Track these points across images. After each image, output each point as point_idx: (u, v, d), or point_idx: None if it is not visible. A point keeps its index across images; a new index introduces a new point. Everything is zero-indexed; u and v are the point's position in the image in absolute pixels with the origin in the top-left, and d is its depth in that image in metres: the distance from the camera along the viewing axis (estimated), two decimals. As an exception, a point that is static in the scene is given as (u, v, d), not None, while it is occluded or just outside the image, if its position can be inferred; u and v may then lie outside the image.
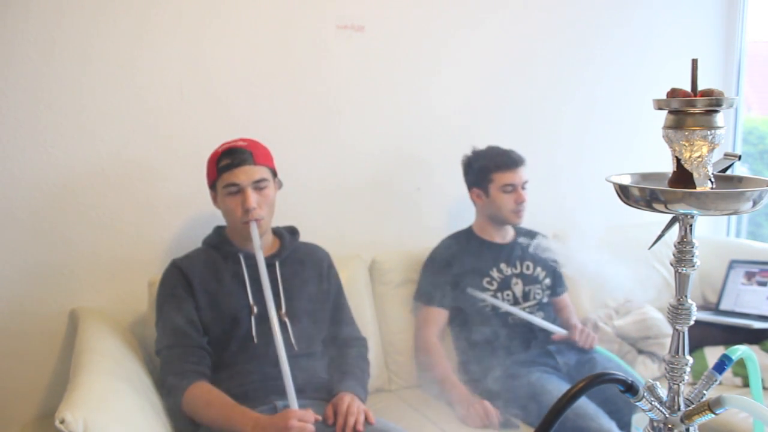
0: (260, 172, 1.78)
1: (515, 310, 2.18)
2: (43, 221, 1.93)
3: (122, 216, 2.03)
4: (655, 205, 0.79)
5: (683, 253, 0.84)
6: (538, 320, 2.18)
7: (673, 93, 0.79)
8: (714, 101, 0.76)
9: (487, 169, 2.22)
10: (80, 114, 1.94)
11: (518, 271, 2.27)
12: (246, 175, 1.75)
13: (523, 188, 2.22)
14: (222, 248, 1.84)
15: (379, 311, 2.29)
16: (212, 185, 1.83)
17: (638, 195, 0.80)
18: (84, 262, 2.00)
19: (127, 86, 1.99)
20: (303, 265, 1.91)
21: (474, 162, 2.26)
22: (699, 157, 0.78)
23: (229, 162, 1.76)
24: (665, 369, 0.87)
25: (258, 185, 1.77)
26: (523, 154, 2.24)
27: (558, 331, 2.18)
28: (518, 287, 2.25)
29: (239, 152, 1.77)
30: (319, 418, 1.60)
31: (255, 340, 1.76)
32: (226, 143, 1.82)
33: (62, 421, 1.18)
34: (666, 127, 0.80)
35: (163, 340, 1.73)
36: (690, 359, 0.86)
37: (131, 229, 2.05)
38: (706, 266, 1.78)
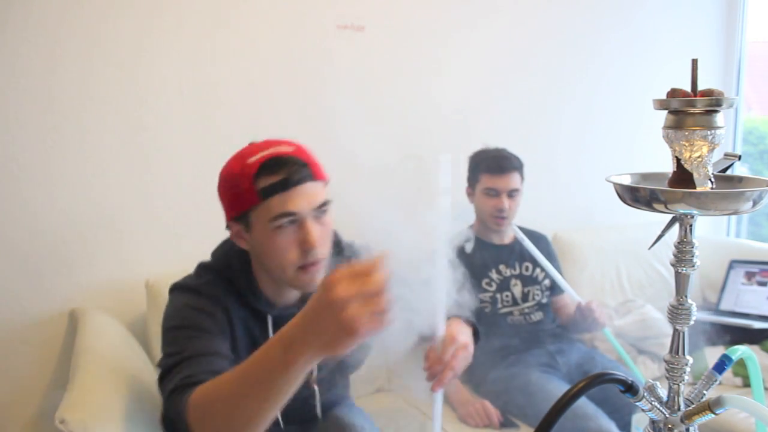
0: (322, 191, 1.26)
1: (546, 264, 2.19)
2: (43, 221, 1.93)
3: (122, 216, 2.03)
4: (655, 205, 0.79)
5: (683, 253, 0.84)
6: (561, 280, 2.20)
7: (673, 93, 0.79)
8: (714, 101, 0.76)
9: (477, 168, 2.23)
10: (81, 114, 1.94)
11: (517, 272, 2.27)
12: (306, 198, 1.22)
13: (509, 196, 2.18)
14: (249, 296, 1.32)
15: (379, 311, 2.28)
16: (241, 215, 1.25)
17: (638, 195, 0.80)
18: (84, 262, 2.00)
19: (127, 86, 1.99)
20: None
21: (473, 159, 2.27)
22: (699, 157, 0.78)
23: (279, 179, 1.20)
24: (665, 369, 0.87)
25: (320, 212, 1.25)
26: (524, 154, 2.24)
27: (576, 296, 2.18)
28: (517, 288, 2.25)
29: (292, 163, 1.22)
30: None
31: None
32: (258, 146, 1.25)
33: (62, 422, 1.18)
34: (666, 127, 0.80)
35: (179, 354, 1.17)
36: (690, 359, 0.86)
37: (131, 229, 2.05)
38: (706, 266, 1.78)
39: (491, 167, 2.19)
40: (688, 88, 0.80)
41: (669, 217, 0.85)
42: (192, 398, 1.00)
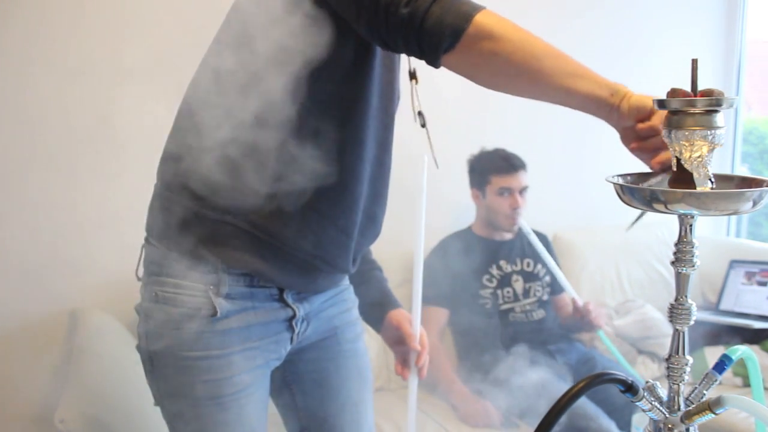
0: None
1: (552, 264, 2.15)
2: (44, 220, 1.93)
3: (123, 216, 2.03)
4: (655, 205, 0.79)
5: (683, 253, 0.83)
6: (561, 276, 2.17)
7: (673, 93, 0.79)
8: (714, 101, 0.76)
9: (486, 170, 2.23)
10: (82, 114, 1.94)
11: (519, 268, 2.27)
12: None
13: (520, 194, 2.21)
14: None
15: (379, 311, 2.28)
16: None
17: (638, 195, 0.80)
18: (84, 262, 1.99)
19: (130, 87, 1.99)
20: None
21: (476, 162, 2.27)
22: (699, 157, 0.78)
23: None
24: (665, 369, 0.87)
25: None
26: (523, 154, 2.24)
27: (574, 294, 2.17)
28: (518, 284, 2.25)
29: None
30: None
31: None
32: None
33: (62, 421, 1.18)
34: (666, 127, 0.80)
35: None
36: (690, 359, 0.86)
37: (132, 229, 2.04)
38: (706, 266, 1.78)
39: (503, 167, 2.20)
40: (688, 88, 0.80)
41: (669, 217, 0.85)
42: (482, 18, 1.02)
